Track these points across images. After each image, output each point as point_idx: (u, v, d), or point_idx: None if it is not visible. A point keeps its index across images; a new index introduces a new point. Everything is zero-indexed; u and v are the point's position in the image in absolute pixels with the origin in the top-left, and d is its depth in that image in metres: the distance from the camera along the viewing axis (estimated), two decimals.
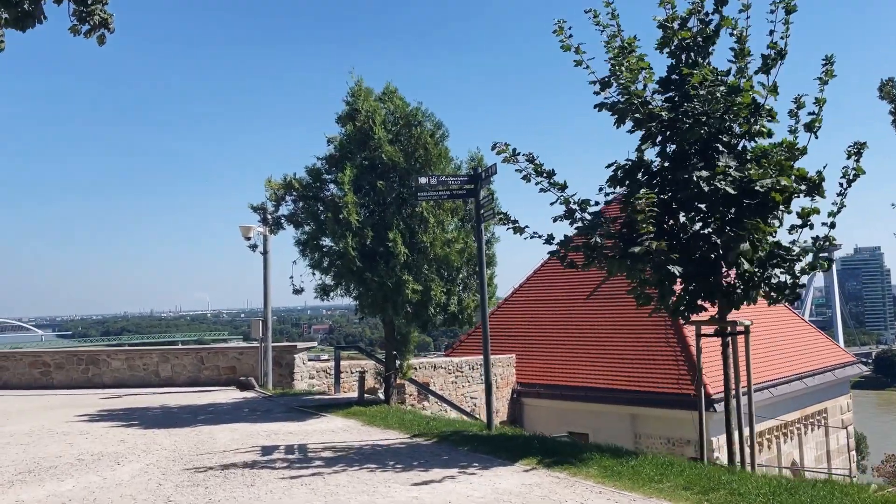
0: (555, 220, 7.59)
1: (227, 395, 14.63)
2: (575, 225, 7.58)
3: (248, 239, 15.43)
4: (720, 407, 20.18)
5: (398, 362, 12.57)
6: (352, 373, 17.69)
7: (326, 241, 11.87)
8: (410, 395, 19.83)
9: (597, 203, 7.69)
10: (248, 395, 14.70)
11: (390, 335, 12.49)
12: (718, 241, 6.99)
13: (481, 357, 23.35)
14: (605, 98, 7.80)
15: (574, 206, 7.59)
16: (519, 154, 7.53)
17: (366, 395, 12.91)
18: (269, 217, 12.81)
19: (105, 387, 16.69)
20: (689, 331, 22.37)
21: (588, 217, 7.65)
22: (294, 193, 12.50)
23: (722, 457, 20.87)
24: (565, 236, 8.05)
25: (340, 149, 11.91)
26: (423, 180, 8.89)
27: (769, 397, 21.91)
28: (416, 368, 19.00)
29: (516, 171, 7.54)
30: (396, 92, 11.96)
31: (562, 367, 23.95)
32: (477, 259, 12.29)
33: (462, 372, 21.91)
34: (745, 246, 6.59)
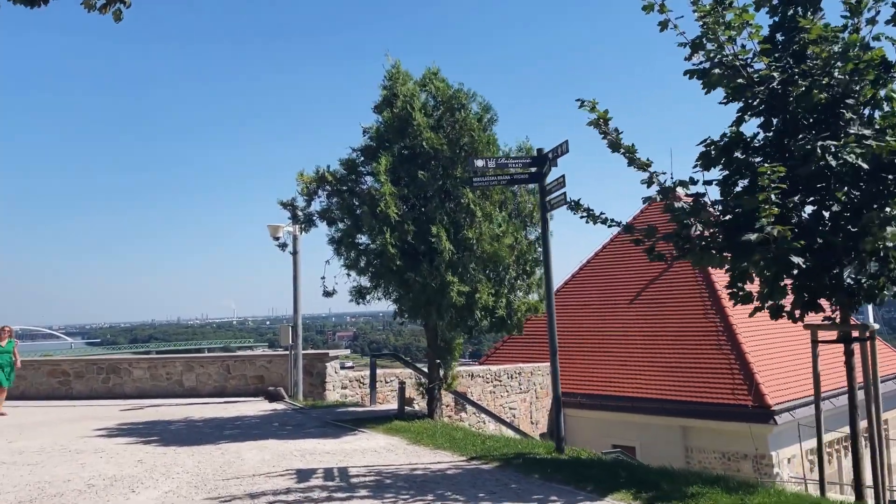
0: (645, 202, 6.40)
1: (255, 407, 13.59)
2: (673, 210, 6.36)
3: (277, 239, 14.42)
4: (782, 419, 18.84)
5: (442, 372, 11.43)
6: (386, 382, 16.60)
7: (363, 239, 10.80)
8: (447, 406, 18.67)
9: (695, 182, 6.47)
10: (278, 406, 13.65)
11: (433, 342, 11.35)
12: (848, 227, 5.73)
13: (520, 365, 22.20)
14: (696, 63, 6.59)
15: (668, 187, 6.39)
16: (610, 118, 6.34)
17: (406, 408, 11.76)
18: (301, 214, 11.76)
19: (126, 397, 15.77)
20: (745, 336, 20.96)
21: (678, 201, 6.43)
22: (327, 187, 11.46)
23: (783, 473, 19.44)
24: (649, 226, 6.87)
25: (377, 137, 10.83)
26: (479, 163, 7.75)
27: (830, 408, 20.39)
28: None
29: (603, 139, 6.36)
30: (438, 74, 10.84)
31: (605, 375, 22.63)
32: (540, 255, 11.21)
33: (500, 381, 20.72)
34: (893, 229, 5.32)
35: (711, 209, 6.39)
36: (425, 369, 15.37)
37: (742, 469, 19.51)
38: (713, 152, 6.72)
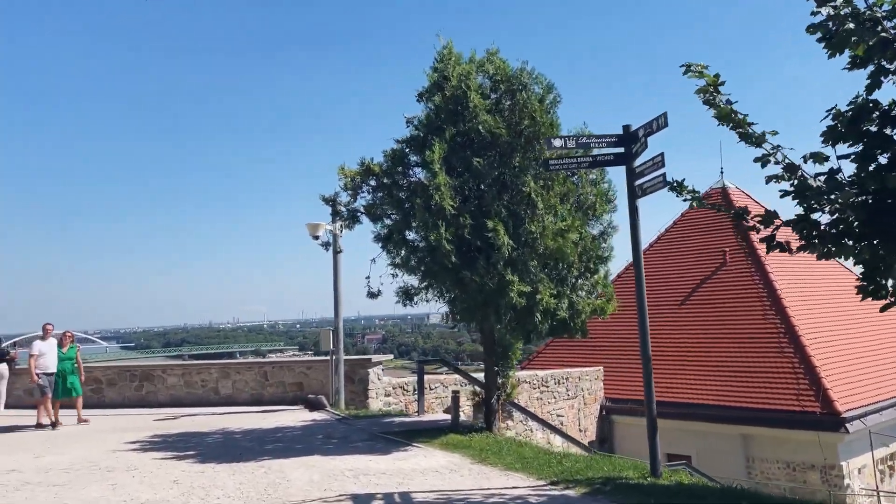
0: (768, 182, 5.37)
1: (296, 417, 12.77)
2: (805, 191, 5.31)
3: (317, 238, 13.59)
4: (853, 427, 17.50)
5: (500, 380, 10.47)
6: (430, 389, 15.69)
7: (412, 235, 9.89)
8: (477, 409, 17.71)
9: (826, 157, 5.42)
10: (319, 416, 12.80)
11: (489, 347, 10.40)
12: None
13: (567, 370, 21.11)
14: (821, 17, 5.53)
15: (793, 164, 5.35)
16: (722, 83, 5.33)
17: (461, 420, 10.83)
18: (344, 210, 10.90)
19: (160, 405, 15.09)
20: (808, 338, 19.64)
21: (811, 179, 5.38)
22: (373, 180, 10.58)
23: (853, 485, 18.07)
24: (767, 211, 5.83)
25: (426, 124, 9.91)
26: (557, 142, 6.77)
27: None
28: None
29: (710, 108, 5.36)
30: (497, 53, 9.89)
31: (658, 380, 21.34)
32: (604, 252, 10.22)
33: (547, 387, 19.68)
34: None
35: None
36: (475, 375, 14.46)
37: (809, 480, 18.21)
38: (840, 125, 5.66)
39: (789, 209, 6.16)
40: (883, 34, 5.24)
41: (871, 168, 5.40)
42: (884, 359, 20.53)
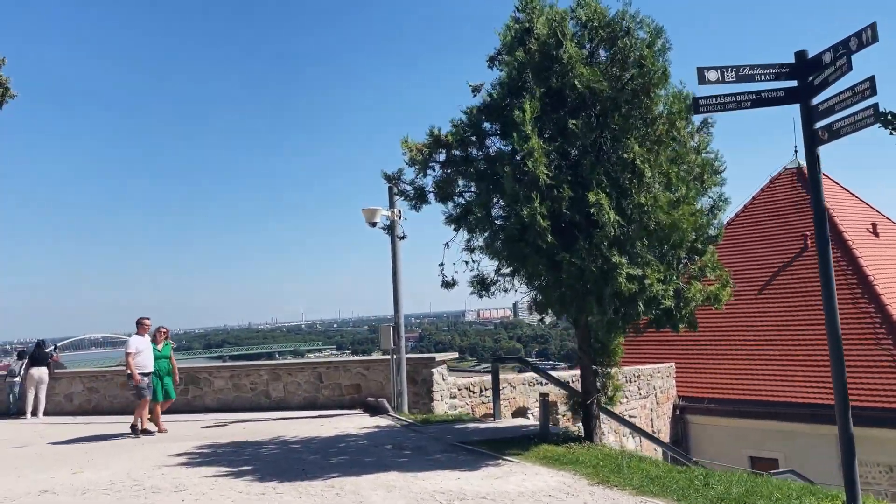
0: None
1: (356, 423, 11.49)
2: None
3: (374, 225, 12.29)
4: None
5: (599, 381, 9.03)
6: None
7: (497, 212, 8.50)
8: (564, 416, 16.25)
9: None
10: (382, 421, 11.51)
11: (585, 343, 8.96)
12: None
13: (638, 367, 19.46)
14: None
15: None
16: None
17: (551, 427, 9.42)
18: (409, 188, 9.55)
19: (207, 410, 13.98)
20: None
21: None
22: (443, 154, 9.22)
23: None
24: None
25: (507, 84, 8.49)
26: (711, 75, 5.28)
27: None
28: (541, 383, 15.44)
29: None
30: None
31: (737, 376, 19.70)
32: (713, 230, 8.71)
33: None
34: None
35: None
36: (554, 374, 13.02)
37: None
38: None
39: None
40: None
41: None
42: None
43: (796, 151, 23.84)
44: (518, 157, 7.82)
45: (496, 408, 11.37)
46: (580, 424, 9.56)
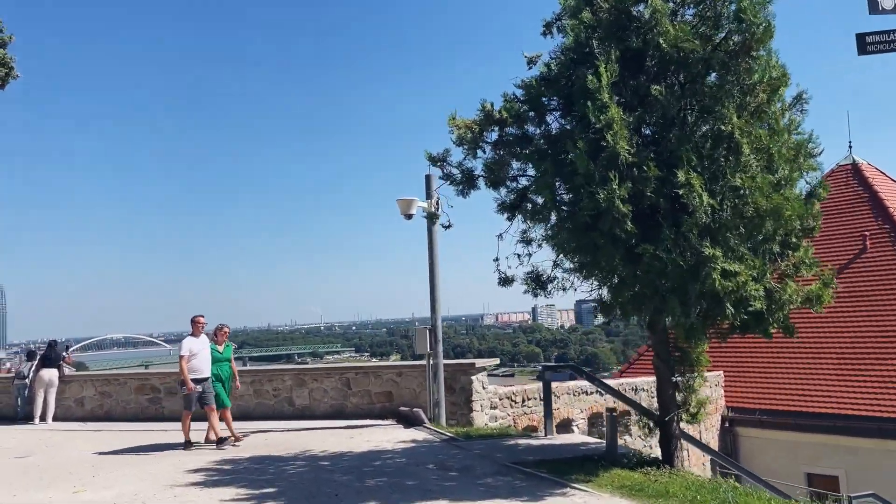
0: None
1: (391, 435, 10.36)
2: None
3: (409, 217, 11.18)
4: None
5: (679, 396, 7.81)
6: (540, 399, 13.10)
7: (562, 196, 7.32)
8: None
9: None
10: (419, 435, 10.36)
11: (662, 350, 7.75)
12: None
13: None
14: None
15: None
16: None
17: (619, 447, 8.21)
18: (457, 171, 8.40)
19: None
20: None
21: None
22: (495, 132, 8.08)
23: None
24: None
25: (574, 47, 7.31)
26: (887, 2, 4.08)
27: None
28: (586, 393, 14.23)
29: None
30: None
31: (792, 386, 18.29)
32: (813, 221, 7.49)
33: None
34: None
35: None
36: (609, 383, 11.79)
37: None
38: None
39: None
40: None
41: None
42: None
43: (851, 147, 22.40)
44: (591, 132, 6.63)
45: (548, 422, 10.18)
46: (654, 445, 8.36)
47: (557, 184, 7.36)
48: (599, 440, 10.39)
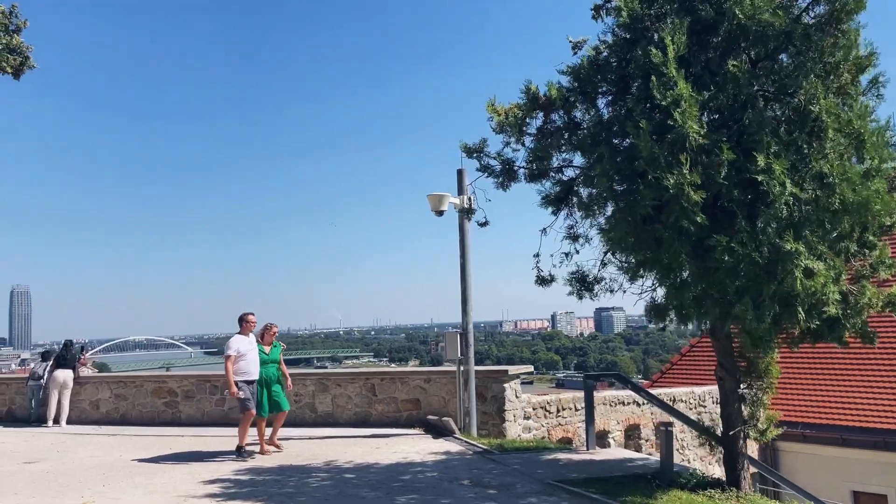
0: None
1: (419, 446, 9.67)
2: None
3: (440, 213, 10.52)
4: None
5: (746, 410, 7.03)
6: (576, 410, 12.37)
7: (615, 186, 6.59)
8: (647, 441, 14.20)
9: None
10: (450, 446, 9.65)
11: (727, 358, 6.98)
12: None
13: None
14: None
15: None
16: None
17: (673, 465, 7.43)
18: (496, 162, 7.71)
19: None
20: None
21: None
22: (539, 117, 7.39)
23: None
24: None
25: (629, 24, 6.60)
26: None
27: None
28: (623, 403, 13.43)
29: None
30: None
31: (839, 399, 17.33)
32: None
33: (705, 407, 16.00)
34: None
35: None
36: (652, 393, 10.98)
37: None
38: None
39: None
40: None
41: None
42: None
43: None
44: (655, 112, 5.92)
45: (590, 435, 9.40)
46: (714, 465, 7.57)
47: (606, 169, 6.65)
48: (646, 456, 9.63)
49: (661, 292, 7.16)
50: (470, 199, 10.63)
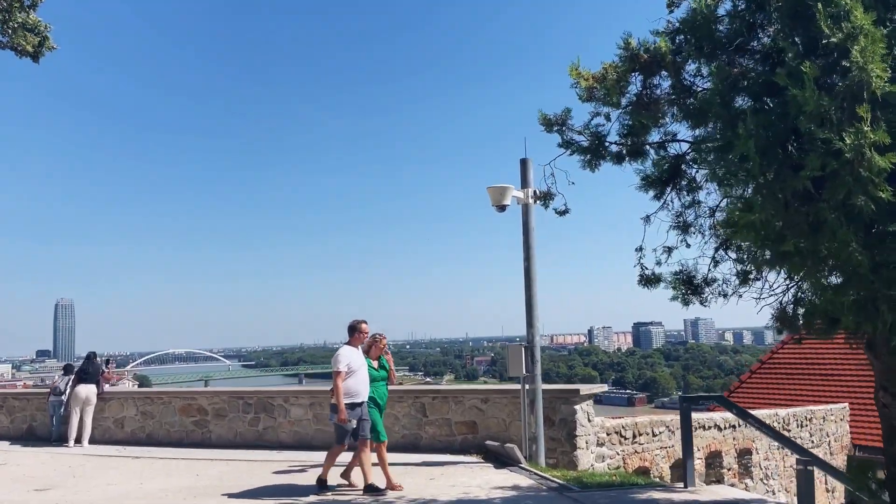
0: None
1: (481, 478, 8.28)
2: None
3: (502, 209, 9.20)
4: None
5: None
6: (654, 435, 10.88)
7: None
8: (729, 470, 12.60)
9: None
10: (518, 479, 8.24)
11: (893, 379, 5.48)
12: None
13: (810, 408, 15.49)
14: None
15: None
16: None
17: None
18: (585, 136, 6.36)
19: (282, 446, 11.09)
20: None
21: None
22: (637, 80, 6.03)
23: None
24: None
25: None
26: None
27: None
28: (703, 427, 11.84)
29: None
30: None
31: None
32: None
33: (789, 431, 14.30)
34: None
35: None
36: (717, 415, 9.40)
37: None
38: None
39: None
40: None
41: None
42: None
43: None
44: (815, 55, 4.50)
45: (689, 469, 7.90)
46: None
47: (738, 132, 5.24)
48: (760, 497, 8.12)
49: (789, 295, 5.72)
50: (536, 191, 9.31)
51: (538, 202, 8.66)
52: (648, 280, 6.27)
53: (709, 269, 6.21)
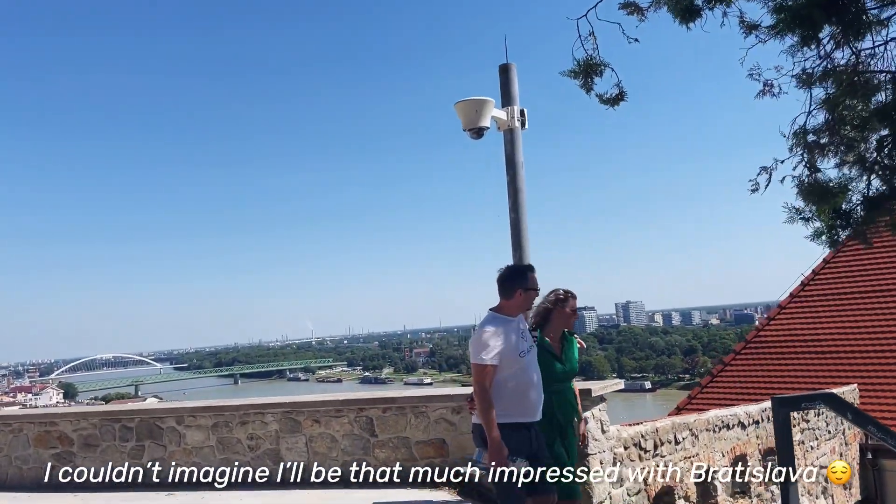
0: None
1: None
2: None
3: (478, 133, 6.34)
4: None
5: None
6: (676, 443, 8.30)
7: None
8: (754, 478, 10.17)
9: None
10: None
11: None
12: None
13: (821, 392, 13.42)
14: None
15: None
16: None
17: None
18: None
19: (174, 485, 7.98)
20: None
21: None
22: None
23: None
24: None
25: None
26: None
27: None
28: (727, 427, 9.42)
29: None
30: None
31: None
32: None
33: (808, 420, 12.10)
34: None
35: None
36: (739, 409, 6.87)
37: None
38: None
39: None
40: None
41: None
42: None
43: None
44: None
45: (791, 496, 5.22)
46: None
47: None
48: None
49: None
50: (524, 110, 6.50)
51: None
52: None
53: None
